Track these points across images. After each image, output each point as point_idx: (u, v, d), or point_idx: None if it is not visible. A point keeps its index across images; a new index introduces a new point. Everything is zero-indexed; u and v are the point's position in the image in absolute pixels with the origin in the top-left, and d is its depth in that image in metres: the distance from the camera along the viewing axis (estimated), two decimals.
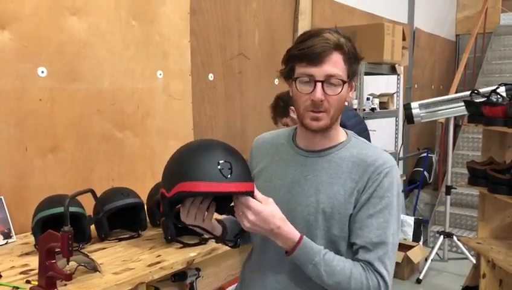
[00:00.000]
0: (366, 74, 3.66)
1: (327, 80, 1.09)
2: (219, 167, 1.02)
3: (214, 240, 1.31)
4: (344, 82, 1.10)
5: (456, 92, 5.39)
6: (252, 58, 3.21)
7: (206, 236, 1.66)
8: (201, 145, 1.10)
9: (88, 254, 1.60)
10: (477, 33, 6.16)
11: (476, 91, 3.00)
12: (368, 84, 3.91)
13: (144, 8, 2.44)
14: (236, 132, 3.15)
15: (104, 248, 1.80)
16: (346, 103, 1.24)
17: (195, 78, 2.76)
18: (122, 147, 2.39)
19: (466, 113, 3.52)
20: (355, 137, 1.23)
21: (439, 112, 3.80)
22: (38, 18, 2.02)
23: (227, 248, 1.67)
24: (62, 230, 1.31)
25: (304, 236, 1.09)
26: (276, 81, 3.45)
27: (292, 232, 1.08)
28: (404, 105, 3.94)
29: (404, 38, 3.85)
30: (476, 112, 2.90)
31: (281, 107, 2.64)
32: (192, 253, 1.75)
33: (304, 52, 1.10)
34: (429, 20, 6.28)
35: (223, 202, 1.15)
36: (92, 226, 1.88)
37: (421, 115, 3.79)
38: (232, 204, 1.10)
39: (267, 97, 3.38)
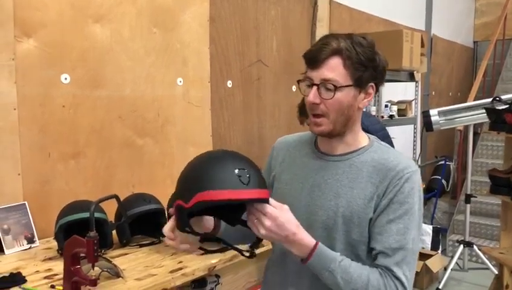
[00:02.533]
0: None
1: (323, 84, 1.10)
2: (237, 174, 1.01)
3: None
4: (337, 87, 1.09)
5: (475, 100, 5.33)
6: (270, 65, 3.21)
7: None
8: (214, 155, 1.10)
9: (111, 260, 1.61)
10: (496, 39, 6.10)
11: (497, 98, 2.96)
12: (386, 91, 3.89)
13: (165, 16, 2.47)
14: (254, 139, 3.15)
15: (126, 254, 1.80)
16: (364, 109, 1.24)
17: (214, 85, 2.77)
18: (143, 153, 2.40)
19: (486, 120, 3.48)
20: (378, 142, 1.21)
21: (459, 119, 3.76)
22: (63, 25, 2.05)
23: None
24: (88, 235, 1.31)
25: (320, 243, 1.08)
26: (294, 88, 3.45)
27: (307, 239, 1.07)
28: (422, 112, 3.90)
29: (422, 45, 3.82)
30: (498, 120, 2.87)
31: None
32: (213, 260, 1.75)
33: (305, 55, 1.13)
34: (447, 27, 6.23)
35: (234, 212, 1.15)
36: (113, 232, 1.89)
37: (440, 122, 3.75)
38: (243, 216, 1.09)
39: (284, 104, 3.39)
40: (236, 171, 1.02)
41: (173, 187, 2.45)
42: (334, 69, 1.09)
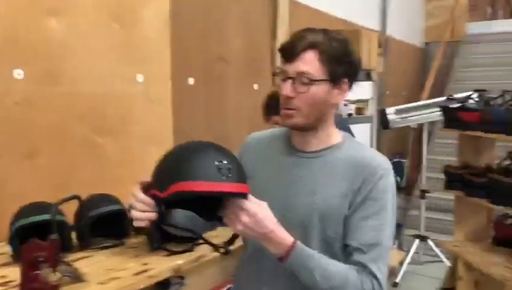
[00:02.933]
0: None
1: (298, 78, 1.10)
2: (217, 166, 0.99)
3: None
4: (314, 81, 1.09)
5: (428, 99, 5.53)
6: (233, 63, 3.19)
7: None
8: (196, 145, 1.08)
9: (71, 264, 1.54)
10: (445, 41, 6.36)
11: (451, 97, 3.08)
12: None
13: (125, 10, 2.39)
14: (218, 138, 3.10)
15: (87, 257, 1.73)
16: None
17: (175, 82, 2.71)
18: (103, 152, 2.32)
19: (440, 118, 3.61)
20: (351, 139, 1.23)
21: (414, 117, 3.89)
22: (15, 18, 1.94)
23: (213, 255, 1.65)
24: (49, 238, 1.25)
25: (298, 241, 1.07)
26: (256, 86, 3.44)
27: (285, 237, 1.06)
28: (379, 111, 4.01)
29: (379, 45, 3.92)
30: (452, 118, 2.98)
31: (273, 105, 2.63)
32: (179, 261, 1.71)
33: (281, 48, 1.14)
34: (400, 28, 6.43)
35: (210, 207, 1.11)
36: (73, 235, 1.81)
37: (397, 120, 3.87)
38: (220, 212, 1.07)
39: (247, 102, 3.37)
40: (216, 163, 0.99)
41: (134, 187, 2.37)
42: (309, 63, 1.09)
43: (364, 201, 1.11)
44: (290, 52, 1.11)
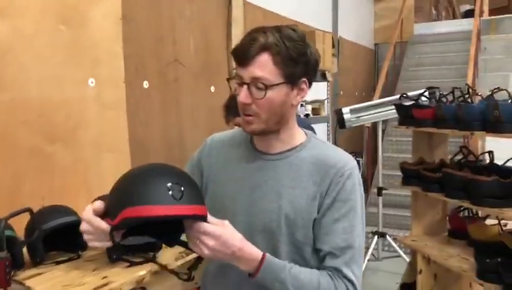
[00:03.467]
0: None
1: (253, 83, 1.04)
2: (168, 188, 0.92)
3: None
4: (268, 86, 1.03)
5: (380, 98, 5.66)
6: (188, 66, 3.12)
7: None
8: (145, 168, 1.00)
9: (24, 282, 1.43)
10: (395, 42, 6.54)
11: (405, 95, 3.14)
12: None
13: (72, 12, 2.27)
14: (174, 142, 3.04)
15: (41, 274, 1.61)
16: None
17: (129, 86, 2.62)
18: (53, 161, 2.19)
19: (395, 116, 3.70)
20: (315, 137, 1.19)
21: (369, 116, 3.96)
22: None
23: (176, 264, 1.58)
24: None
25: (267, 254, 1.03)
26: (213, 88, 3.39)
27: (254, 252, 1.02)
28: (335, 110, 4.05)
29: (333, 46, 3.97)
30: (406, 115, 3.04)
31: (234, 106, 2.59)
32: (141, 272, 1.63)
33: (233, 52, 1.07)
34: (351, 29, 6.56)
35: (171, 231, 1.04)
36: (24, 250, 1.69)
37: (352, 119, 3.92)
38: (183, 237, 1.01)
39: (203, 105, 3.31)
40: (169, 185, 0.92)
41: (88, 196, 2.28)
42: (263, 67, 1.03)
43: (333, 203, 1.07)
44: (242, 56, 1.04)
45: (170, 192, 0.91)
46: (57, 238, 1.78)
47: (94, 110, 2.40)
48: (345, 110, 3.94)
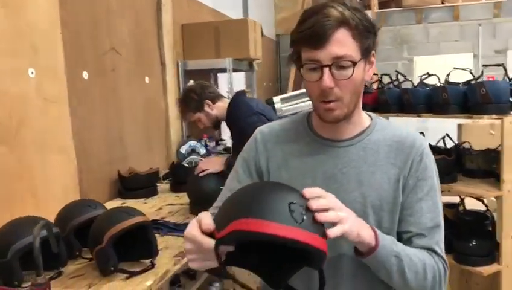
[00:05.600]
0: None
1: (335, 63, 0.96)
2: (290, 208, 0.78)
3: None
4: (355, 62, 0.98)
5: (294, 87, 5.82)
6: (123, 54, 2.86)
7: None
8: (265, 183, 0.93)
9: None
10: None
11: None
12: (234, 81, 3.88)
13: None
14: (115, 139, 2.77)
15: None
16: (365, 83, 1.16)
17: (69, 77, 2.31)
18: None
19: None
20: (379, 118, 1.15)
21: (299, 104, 4.02)
22: None
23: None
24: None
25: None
26: (147, 79, 3.16)
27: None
28: (266, 100, 4.04)
29: (262, 35, 3.95)
30: None
31: (195, 100, 2.41)
32: (147, 282, 1.45)
33: (304, 34, 0.97)
34: (258, 20, 6.60)
35: (275, 267, 0.89)
36: None
37: (283, 108, 3.95)
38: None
39: (140, 97, 3.08)
40: (291, 203, 0.79)
41: (35, 203, 1.99)
42: (343, 44, 0.96)
43: (416, 183, 1.04)
44: (318, 36, 0.95)
45: (291, 212, 0.78)
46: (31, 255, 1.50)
47: (36, 106, 2.08)
48: (276, 99, 3.96)
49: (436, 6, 7.02)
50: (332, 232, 0.84)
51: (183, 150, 3.48)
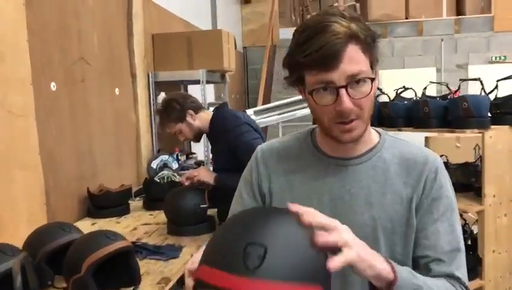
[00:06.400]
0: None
1: (352, 82, 0.88)
2: (245, 250, 0.67)
3: None
4: (372, 79, 0.90)
5: (264, 100, 5.77)
6: (93, 64, 2.71)
7: None
8: (234, 220, 0.79)
9: None
10: (269, 45, 6.74)
11: None
12: (208, 93, 3.78)
13: None
14: (84, 153, 2.60)
15: None
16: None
17: (36, 88, 2.15)
18: None
19: (300, 115, 3.78)
20: (388, 134, 1.06)
21: (272, 117, 3.97)
22: None
23: None
24: None
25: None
26: (117, 90, 3.01)
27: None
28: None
29: (236, 47, 3.87)
30: None
31: (177, 110, 2.27)
32: None
33: (312, 58, 0.87)
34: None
35: None
36: None
37: (258, 120, 3.89)
38: None
39: (110, 109, 2.94)
40: (248, 245, 0.68)
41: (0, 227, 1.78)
42: (356, 60, 0.88)
43: (431, 203, 0.97)
44: (330, 56, 0.86)
45: (245, 256, 0.67)
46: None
47: (0, 119, 1.91)
48: (249, 111, 3.90)
49: (401, 21, 7.19)
50: (335, 261, 0.72)
51: (154, 164, 3.34)
